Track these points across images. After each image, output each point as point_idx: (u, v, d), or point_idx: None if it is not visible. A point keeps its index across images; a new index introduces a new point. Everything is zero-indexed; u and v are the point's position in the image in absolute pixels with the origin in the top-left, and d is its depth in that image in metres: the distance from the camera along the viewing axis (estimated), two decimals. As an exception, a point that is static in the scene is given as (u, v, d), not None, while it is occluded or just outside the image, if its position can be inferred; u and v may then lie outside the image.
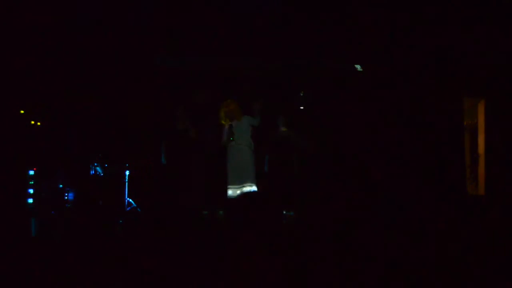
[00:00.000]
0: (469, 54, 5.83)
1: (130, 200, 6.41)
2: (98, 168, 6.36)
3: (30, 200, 5.81)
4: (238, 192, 5.89)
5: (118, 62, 6.60)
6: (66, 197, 5.87)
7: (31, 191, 5.83)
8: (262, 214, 2.13)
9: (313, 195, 7.31)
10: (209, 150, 6.53)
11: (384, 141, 6.96)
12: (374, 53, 6.22)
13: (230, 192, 5.99)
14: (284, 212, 6.21)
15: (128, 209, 6.31)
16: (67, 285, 1.71)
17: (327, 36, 5.50)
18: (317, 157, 7.70)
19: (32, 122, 6.18)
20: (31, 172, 5.88)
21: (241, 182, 5.96)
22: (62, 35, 5.41)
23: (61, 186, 5.95)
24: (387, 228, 4.90)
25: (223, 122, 6.13)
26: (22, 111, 6.01)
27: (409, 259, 2.82)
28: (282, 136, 6.40)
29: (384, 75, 6.99)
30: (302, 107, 7.23)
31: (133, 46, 5.98)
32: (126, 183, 6.40)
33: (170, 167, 6.42)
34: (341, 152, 7.54)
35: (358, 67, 6.64)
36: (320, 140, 7.72)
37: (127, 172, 6.45)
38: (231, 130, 5.96)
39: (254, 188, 6.03)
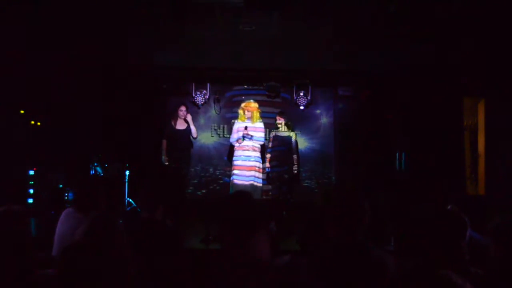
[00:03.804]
0: (469, 54, 5.82)
1: (130, 200, 6.42)
2: (98, 168, 6.37)
3: (30, 200, 5.81)
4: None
5: (117, 62, 6.61)
6: (66, 197, 5.88)
7: (31, 191, 5.83)
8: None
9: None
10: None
11: (383, 140, 6.97)
12: (374, 53, 6.22)
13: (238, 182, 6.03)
14: (284, 213, 6.21)
15: (128, 209, 6.32)
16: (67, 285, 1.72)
17: (326, 38, 5.49)
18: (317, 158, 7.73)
19: (32, 122, 6.19)
20: (31, 172, 5.88)
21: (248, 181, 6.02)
22: (61, 36, 5.40)
23: (61, 186, 5.96)
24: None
25: (240, 119, 6.20)
26: (22, 111, 6.01)
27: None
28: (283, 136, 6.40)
29: (384, 75, 7.00)
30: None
31: (133, 45, 5.97)
32: (126, 183, 6.41)
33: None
34: (341, 152, 7.57)
35: None
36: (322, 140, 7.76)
37: (127, 172, 6.45)
38: (246, 131, 6.01)
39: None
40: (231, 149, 6.60)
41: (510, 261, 2.06)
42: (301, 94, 7.36)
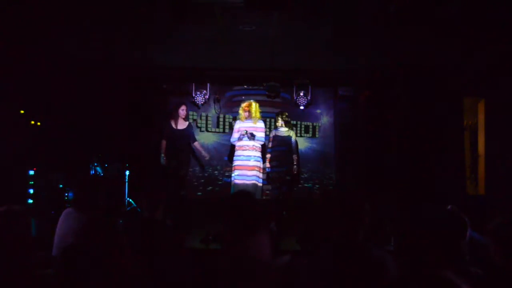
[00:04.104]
0: (469, 54, 5.82)
1: (130, 200, 6.42)
2: (98, 168, 6.37)
3: (30, 200, 5.81)
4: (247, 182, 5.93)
5: (117, 61, 6.61)
6: (66, 197, 5.87)
7: (31, 191, 5.83)
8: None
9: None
10: None
11: (383, 140, 6.97)
12: (374, 53, 6.22)
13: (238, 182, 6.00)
14: (284, 213, 6.22)
15: (128, 209, 6.32)
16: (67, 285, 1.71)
17: (326, 38, 5.49)
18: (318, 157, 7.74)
19: (32, 122, 6.19)
20: (31, 172, 5.88)
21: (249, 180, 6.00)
22: (61, 36, 5.41)
23: (61, 186, 5.96)
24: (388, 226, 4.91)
25: (240, 119, 6.19)
26: (22, 111, 6.01)
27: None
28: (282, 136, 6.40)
29: (383, 75, 7.00)
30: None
31: (133, 45, 5.97)
32: (126, 183, 6.41)
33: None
34: (341, 152, 7.57)
35: None
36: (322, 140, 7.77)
37: (127, 172, 6.45)
38: (250, 132, 5.99)
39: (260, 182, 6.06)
40: (232, 149, 6.59)
41: (510, 261, 2.06)
42: (301, 94, 7.36)
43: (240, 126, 6.19)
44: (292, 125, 6.69)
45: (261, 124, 6.22)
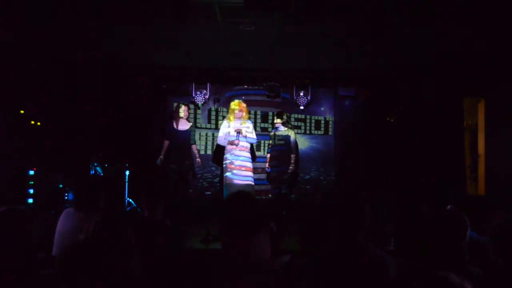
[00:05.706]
0: (469, 54, 5.82)
1: (130, 200, 6.42)
2: (98, 168, 6.36)
3: (30, 200, 5.81)
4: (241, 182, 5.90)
5: (117, 61, 6.61)
6: (66, 197, 5.87)
7: (31, 191, 5.82)
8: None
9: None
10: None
11: (383, 140, 6.97)
12: (374, 53, 6.22)
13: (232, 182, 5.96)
14: (284, 213, 6.22)
15: (128, 209, 6.31)
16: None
17: (326, 38, 5.50)
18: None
19: (32, 122, 6.18)
20: (31, 172, 5.87)
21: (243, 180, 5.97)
22: (61, 36, 5.41)
23: (61, 186, 5.95)
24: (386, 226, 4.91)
25: (230, 119, 6.13)
26: (22, 111, 6.01)
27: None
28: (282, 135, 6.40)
29: (384, 75, 7.00)
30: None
31: (133, 45, 5.98)
32: (126, 183, 6.41)
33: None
34: (341, 151, 7.57)
35: None
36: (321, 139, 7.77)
37: (127, 172, 6.45)
38: (242, 132, 5.94)
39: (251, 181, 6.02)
40: (219, 149, 6.52)
41: (510, 261, 2.06)
42: (301, 94, 7.37)
43: (232, 126, 6.10)
44: (292, 125, 6.68)
45: (250, 125, 6.19)
